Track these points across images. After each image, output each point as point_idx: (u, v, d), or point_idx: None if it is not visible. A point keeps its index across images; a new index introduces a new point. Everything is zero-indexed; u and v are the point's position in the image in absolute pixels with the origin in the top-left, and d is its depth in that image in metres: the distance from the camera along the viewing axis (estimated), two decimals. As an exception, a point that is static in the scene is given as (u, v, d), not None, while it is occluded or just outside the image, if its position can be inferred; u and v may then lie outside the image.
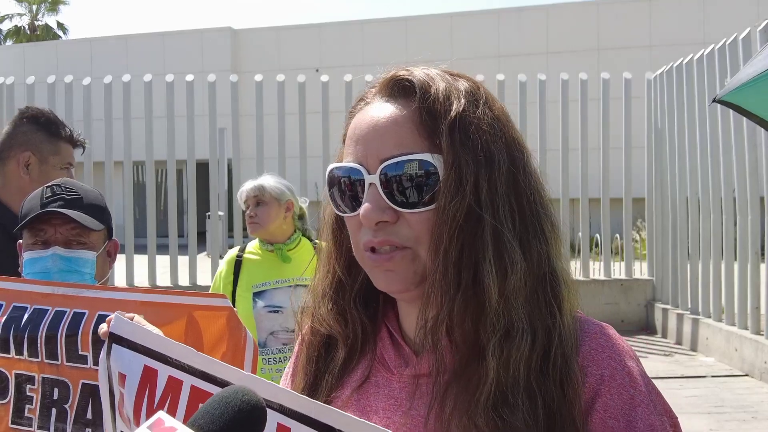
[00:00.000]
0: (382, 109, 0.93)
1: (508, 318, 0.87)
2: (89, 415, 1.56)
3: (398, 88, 0.94)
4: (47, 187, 1.85)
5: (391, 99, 0.94)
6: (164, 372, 0.99)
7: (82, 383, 1.57)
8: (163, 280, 9.41)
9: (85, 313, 1.59)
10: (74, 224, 1.76)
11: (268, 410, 0.80)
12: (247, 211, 3.43)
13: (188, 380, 0.95)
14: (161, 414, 0.69)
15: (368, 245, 0.92)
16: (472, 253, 0.88)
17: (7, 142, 2.45)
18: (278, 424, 0.82)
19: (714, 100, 2.81)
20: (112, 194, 9.61)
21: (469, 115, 0.90)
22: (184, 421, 0.68)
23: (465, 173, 0.88)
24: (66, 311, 1.61)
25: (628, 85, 9.54)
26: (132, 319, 1.12)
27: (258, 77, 9.56)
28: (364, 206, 0.90)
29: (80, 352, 1.57)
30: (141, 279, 9.45)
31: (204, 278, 9.37)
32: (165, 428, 0.66)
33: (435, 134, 0.89)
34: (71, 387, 1.58)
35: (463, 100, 0.91)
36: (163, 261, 9.43)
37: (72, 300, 1.62)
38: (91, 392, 1.56)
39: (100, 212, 1.86)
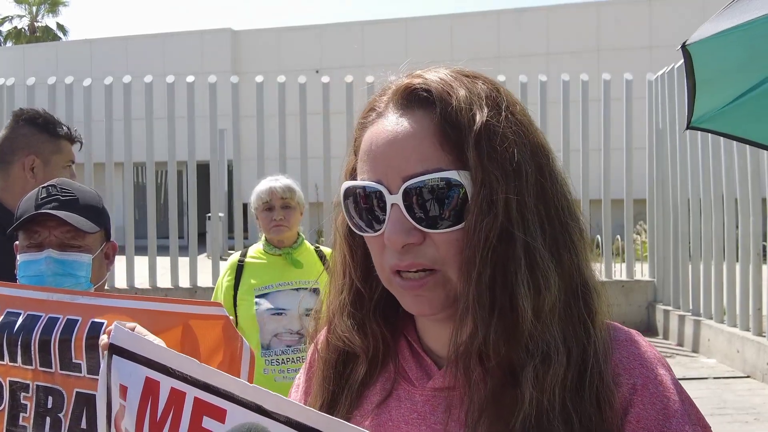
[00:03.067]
0: (399, 122, 0.87)
1: (543, 340, 0.82)
2: (83, 425, 1.53)
3: (414, 98, 0.87)
4: (43, 187, 1.82)
5: (408, 110, 0.87)
6: (167, 384, 0.96)
7: (76, 392, 1.54)
8: (164, 281, 9.39)
9: (78, 320, 1.56)
10: (69, 226, 1.73)
11: (273, 422, 0.80)
12: (273, 213, 3.31)
13: (191, 392, 0.92)
14: None
15: (394, 268, 0.87)
16: (506, 273, 0.82)
17: (9, 146, 2.46)
18: None
19: (681, 46, 2.58)
20: (113, 195, 9.59)
21: (494, 123, 0.84)
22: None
23: (495, 190, 0.82)
24: (59, 318, 1.58)
25: (628, 86, 9.53)
26: (133, 329, 1.09)
27: (258, 78, 9.55)
28: (389, 228, 0.85)
29: (74, 360, 1.54)
30: (141, 280, 9.43)
31: (204, 280, 9.36)
32: None
33: (459, 148, 0.84)
34: (65, 395, 1.55)
35: (485, 108, 0.85)
36: (163, 262, 9.41)
37: (66, 306, 1.59)
38: (85, 401, 1.53)
39: (97, 214, 1.82)
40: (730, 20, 2.32)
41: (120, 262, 9.26)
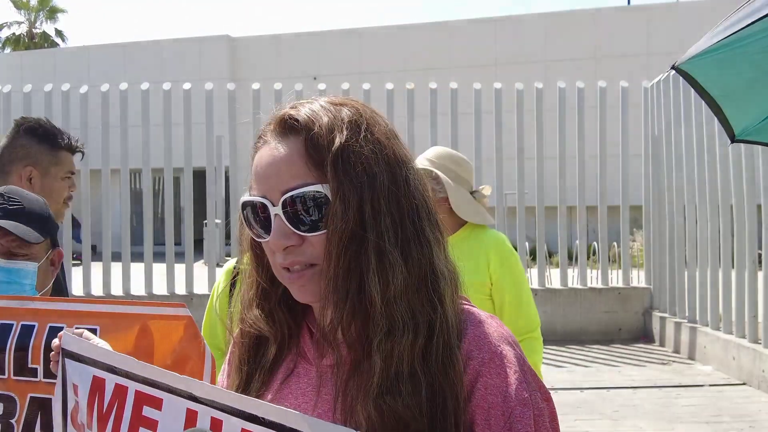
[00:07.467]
0: (277, 147, 1.05)
1: (390, 318, 0.99)
2: (38, 429, 1.54)
3: (288, 126, 1.06)
4: None
5: (284, 136, 1.06)
6: (111, 381, 1.12)
7: (30, 397, 1.55)
8: (160, 288, 9.38)
9: (34, 326, 1.57)
10: (14, 236, 1.76)
11: (202, 406, 0.97)
12: None
13: (132, 386, 1.08)
14: None
15: (282, 266, 1.05)
16: (358, 267, 1.00)
17: (7, 156, 2.46)
18: (212, 417, 0.96)
19: (672, 67, 2.73)
20: (109, 202, 9.59)
21: (351, 144, 1.02)
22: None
23: (348, 199, 0.99)
24: (12, 324, 1.58)
25: (625, 93, 9.56)
26: (81, 335, 1.25)
27: (255, 85, 9.56)
28: (272, 234, 1.04)
29: (30, 365, 1.55)
30: (138, 287, 9.42)
31: (201, 286, 9.35)
32: None
33: (322, 165, 1.01)
34: (18, 401, 1.56)
35: (345, 131, 1.02)
36: (159, 269, 9.40)
37: (18, 312, 1.59)
38: (40, 406, 1.54)
39: (43, 222, 1.85)
40: (720, 35, 2.37)
41: (116, 268, 9.30)
